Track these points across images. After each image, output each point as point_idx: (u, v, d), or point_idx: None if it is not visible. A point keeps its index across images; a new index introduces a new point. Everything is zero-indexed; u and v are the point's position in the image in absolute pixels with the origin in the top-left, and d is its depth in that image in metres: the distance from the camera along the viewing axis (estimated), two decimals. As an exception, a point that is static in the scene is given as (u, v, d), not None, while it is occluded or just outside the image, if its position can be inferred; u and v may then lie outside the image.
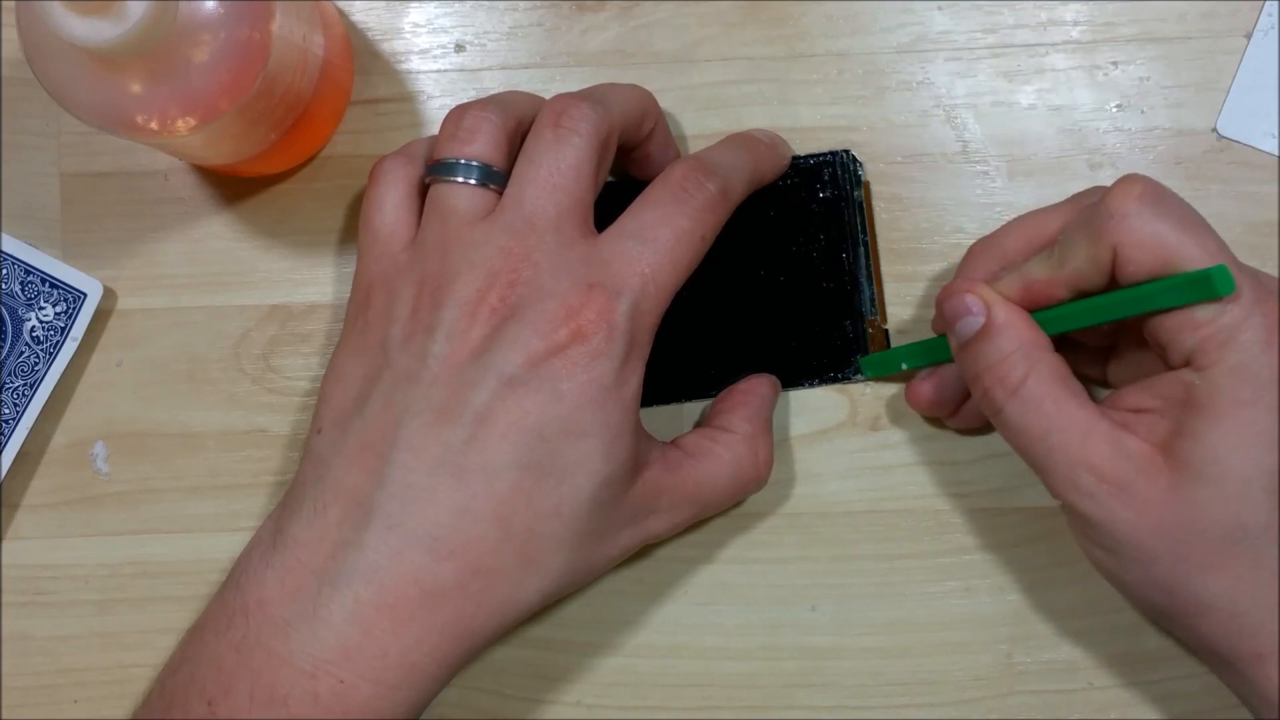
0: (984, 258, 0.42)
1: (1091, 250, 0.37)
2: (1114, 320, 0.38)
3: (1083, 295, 0.39)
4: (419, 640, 0.37)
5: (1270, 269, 0.45)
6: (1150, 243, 0.36)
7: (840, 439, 0.46)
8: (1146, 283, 0.37)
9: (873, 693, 0.45)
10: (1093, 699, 0.45)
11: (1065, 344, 0.42)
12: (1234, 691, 0.39)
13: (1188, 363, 0.37)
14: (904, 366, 0.44)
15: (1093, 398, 0.39)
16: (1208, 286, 0.35)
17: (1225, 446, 0.36)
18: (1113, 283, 0.38)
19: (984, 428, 0.45)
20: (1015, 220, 0.42)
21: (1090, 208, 0.38)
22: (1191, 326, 0.36)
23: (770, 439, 0.44)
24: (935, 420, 0.46)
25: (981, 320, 0.39)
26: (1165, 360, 0.38)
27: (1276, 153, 0.45)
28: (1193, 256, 0.36)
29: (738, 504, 0.45)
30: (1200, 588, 0.37)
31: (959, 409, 0.44)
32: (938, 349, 0.43)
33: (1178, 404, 0.37)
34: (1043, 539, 0.45)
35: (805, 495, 0.46)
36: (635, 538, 0.41)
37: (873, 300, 0.45)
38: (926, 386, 0.44)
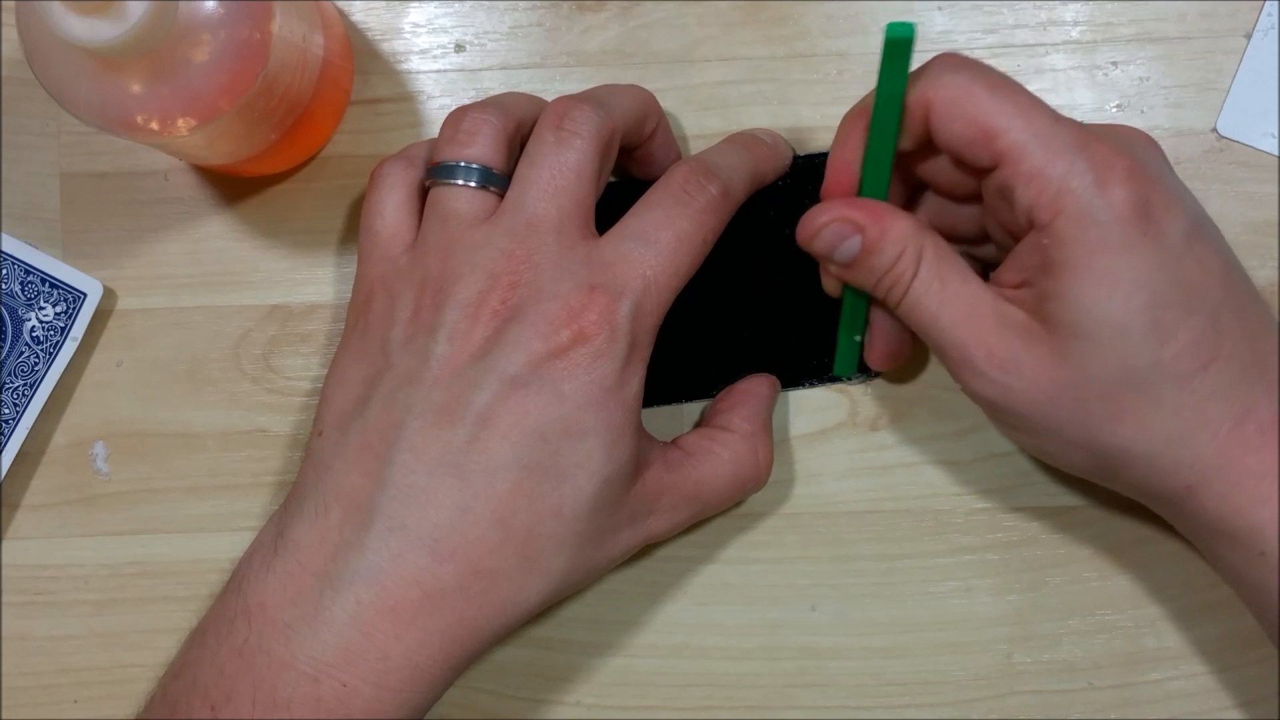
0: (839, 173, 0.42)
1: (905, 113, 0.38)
2: (894, 137, 0.38)
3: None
4: (421, 643, 0.37)
5: (1270, 269, 0.45)
6: (959, 96, 0.37)
7: (840, 439, 0.46)
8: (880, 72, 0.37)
9: (873, 693, 0.45)
10: (1092, 699, 0.45)
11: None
12: (1179, 528, 0.40)
13: (1029, 219, 0.37)
14: (858, 338, 0.44)
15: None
16: (887, 40, 0.36)
17: (1089, 298, 0.36)
18: (927, 148, 0.39)
19: (905, 359, 0.44)
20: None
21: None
22: (1023, 181, 0.36)
23: (770, 438, 0.44)
24: (936, 419, 0.46)
25: (858, 240, 0.39)
26: (1018, 228, 0.38)
27: (1276, 153, 0.45)
28: (1002, 111, 0.36)
29: (738, 504, 0.45)
30: (1112, 439, 0.37)
31: (874, 339, 0.43)
32: (858, 299, 0.42)
33: (1039, 269, 0.37)
34: (1043, 539, 0.45)
35: (805, 495, 0.46)
36: (636, 538, 0.41)
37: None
38: (875, 344, 0.43)
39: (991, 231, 0.41)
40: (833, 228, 0.39)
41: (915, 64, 0.43)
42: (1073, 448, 0.38)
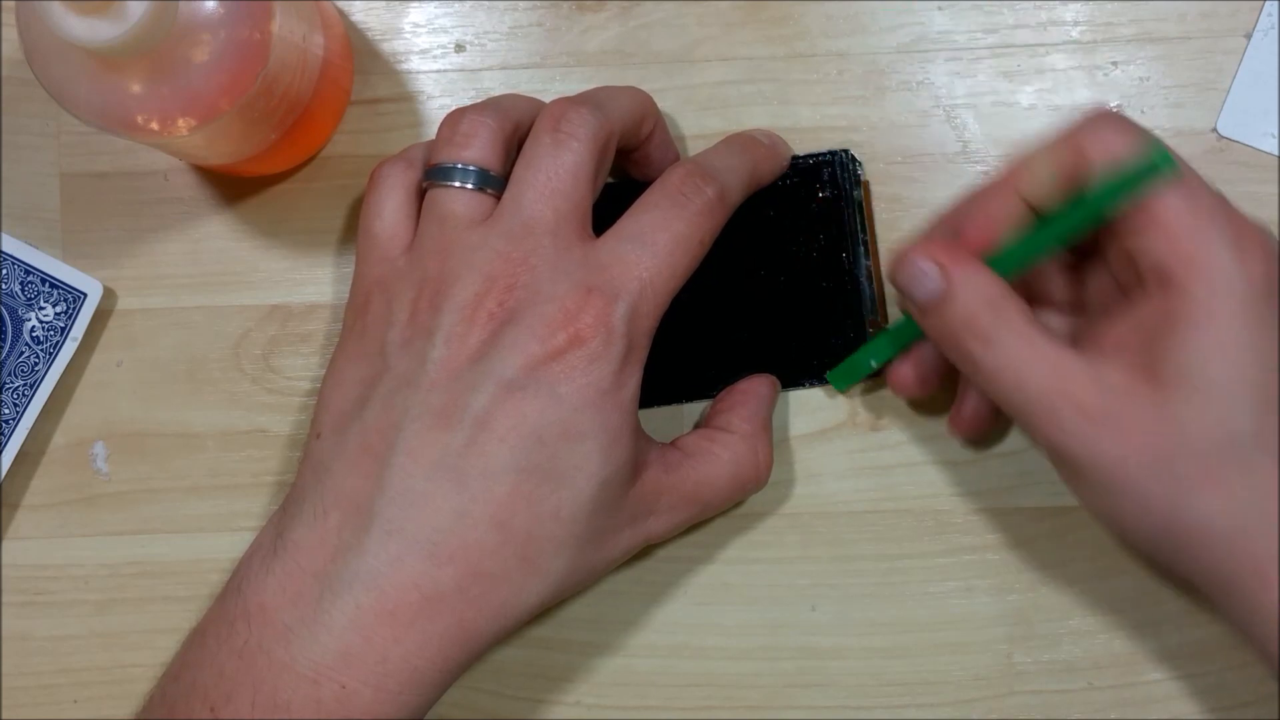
0: (943, 223, 0.42)
1: (1056, 155, 0.38)
2: (1066, 241, 0.38)
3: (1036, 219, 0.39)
4: (420, 646, 0.37)
5: (1270, 269, 0.45)
6: (1114, 142, 0.37)
7: (840, 439, 0.46)
8: (1090, 194, 0.37)
9: (873, 693, 0.45)
10: (1092, 699, 0.45)
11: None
12: (1230, 617, 0.38)
13: (1158, 276, 0.37)
14: (874, 365, 0.44)
15: None
16: (1149, 168, 0.36)
17: (1207, 355, 0.36)
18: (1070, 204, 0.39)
19: (990, 431, 0.44)
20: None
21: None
22: (1164, 237, 0.36)
23: (770, 439, 0.44)
24: (936, 419, 0.46)
25: (940, 283, 0.39)
26: (1134, 281, 0.38)
27: (1276, 153, 0.45)
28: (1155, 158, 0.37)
29: (738, 504, 0.45)
30: (1197, 507, 0.36)
31: (962, 407, 0.43)
32: (901, 335, 0.42)
33: (1154, 326, 0.37)
34: (1043, 539, 0.45)
35: (805, 495, 0.46)
36: (635, 539, 0.41)
37: (873, 300, 0.45)
38: (906, 369, 0.43)
39: (1091, 292, 0.41)
40: (920, 264, 0.39)
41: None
42: (1150, 518, 0.37)
